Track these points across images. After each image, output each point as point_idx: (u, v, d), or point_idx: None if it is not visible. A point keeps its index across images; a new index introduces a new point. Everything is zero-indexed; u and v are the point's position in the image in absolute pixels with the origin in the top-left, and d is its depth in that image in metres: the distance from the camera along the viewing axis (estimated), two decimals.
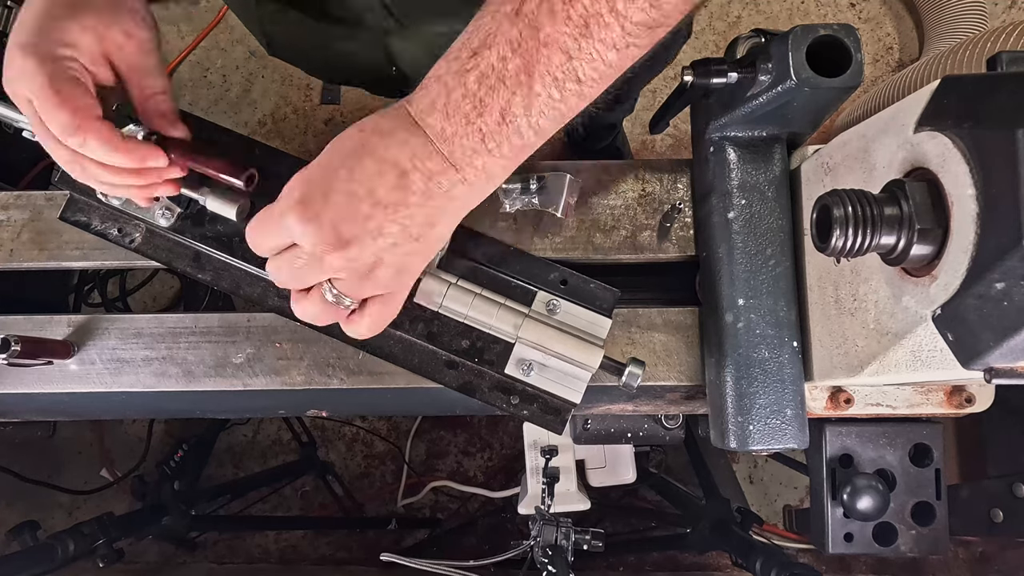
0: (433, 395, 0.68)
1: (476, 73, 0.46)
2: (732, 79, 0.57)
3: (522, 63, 0.45)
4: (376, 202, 0.49)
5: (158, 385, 0.68)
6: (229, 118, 1.89)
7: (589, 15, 0.43)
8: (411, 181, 0.49)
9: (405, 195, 0.49)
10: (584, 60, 0.45)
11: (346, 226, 0.49)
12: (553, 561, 0.89)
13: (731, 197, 0.63)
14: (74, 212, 0.66)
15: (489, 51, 0.45)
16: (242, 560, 1.70)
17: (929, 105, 0.46)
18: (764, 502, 1.70)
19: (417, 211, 0.50)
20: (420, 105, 0.49)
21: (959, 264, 0.42)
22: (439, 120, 0.48)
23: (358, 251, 0.50)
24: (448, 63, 0.48)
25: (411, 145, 0.48)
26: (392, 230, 0.50)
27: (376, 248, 0.50)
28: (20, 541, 1.11)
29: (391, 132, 0.49)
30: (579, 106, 0.48)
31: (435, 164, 0.49)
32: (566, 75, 0.45)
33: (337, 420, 1.76)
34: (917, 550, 0.73)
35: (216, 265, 0.65)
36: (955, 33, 1.63)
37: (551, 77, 0.45)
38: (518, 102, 0.46)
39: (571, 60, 0.45)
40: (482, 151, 0.48)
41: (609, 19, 0.43)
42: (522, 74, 0.45)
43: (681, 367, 0.68)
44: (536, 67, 0.45)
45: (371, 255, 0.51)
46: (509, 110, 0.46)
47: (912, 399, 0.70)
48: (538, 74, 0.45)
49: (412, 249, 0.52)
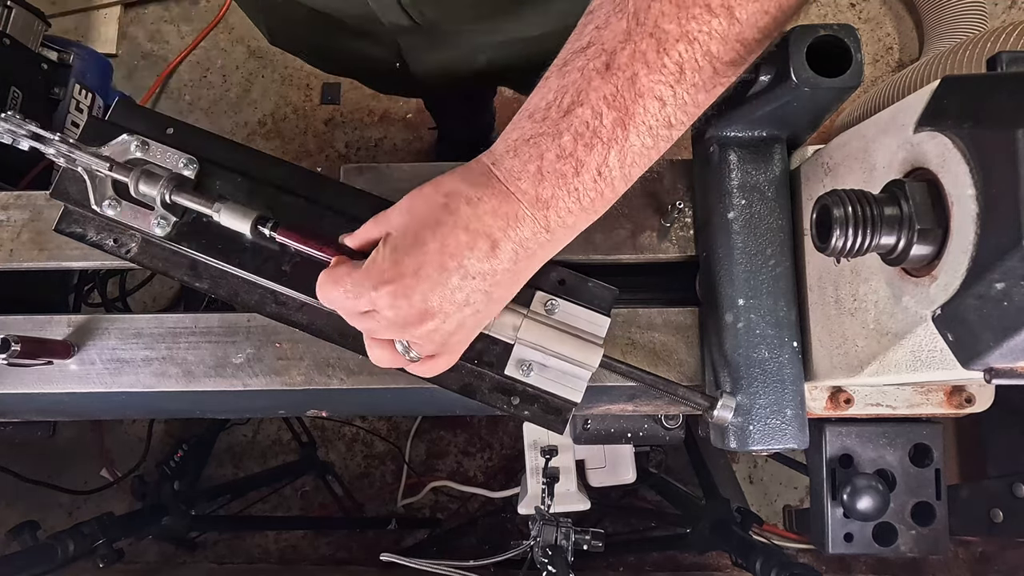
0: (433, 395, 0.68)
1: (571, 132, 0.45)
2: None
3: (618, 117, 0.44)
4: (465, 275, 0.48)
5: (158, 385, 0.68)
6: (229, 118, 1.89)
7: (684, 61, 0.43)
8: (502, 250, 0.48)
9: (495, 264, 0.48)
10: (677, 106, 0.44)
11: (434, 300, 0.48)
12: (553, 561, 0.89)
13: (731, 197, 0.63)
14: (69, 224, 0.66)
15: (583, 108, 0.44)
16: (242, 560, 1.70)
17: (929, 105, 0.46)
18: (764, 502, 1.70)
19: (504, 277, 0.49)
20: (511, 168, 0.47)
21: (959, 264, 0.42)
22: (533, 185, 0.46)
23: (441, 321, 0.50)
24: (536, 123, 0.46)
25: (503, 214, 0.47)
26: (477, 299, 0.50)
27: (460, 318, 0.50)
28: (20, 541, 1.11)
29: (481, 200, 0.47)
30: (667, 148, 0.47)
31: (528, 230, 0.48)
32: (659, 122, 0.45)
33: (337, 420, 1.76)
34: (917, 550, 0.73)
35: (213, 273, 0.65)
36: (955, 33, 1.63)
37: (646, 127, 0.45)
38: (614, 156, 0.45)
39: (665, 107, 0.44)
40: (575, 209, 0.47)
41: (703, 63, 0.43)
42: (618, 128, 0.44)
43: (681, 367, 0.68)
44: (632, 119, 0.44)
45: (455, 324, 0.51)
46: (605, 164, 0.45)
47: (912, 399, 0.70)
48: (633, 126, 0.44)
49: (491, 311, 0.52)
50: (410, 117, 1.88)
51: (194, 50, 1.90)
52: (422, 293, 0.48)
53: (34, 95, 1.23)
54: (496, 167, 0.48)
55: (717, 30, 0.42)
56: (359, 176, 0.72)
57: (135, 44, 1.93)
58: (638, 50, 0.43)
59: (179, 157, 0.63)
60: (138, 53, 1.92)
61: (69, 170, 0.63)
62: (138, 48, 1.93)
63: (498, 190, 0.47)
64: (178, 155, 0.63)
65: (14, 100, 1.16)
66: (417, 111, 1.87)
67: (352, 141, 1.87)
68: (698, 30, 0.42)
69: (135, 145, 0.63)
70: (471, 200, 0.47)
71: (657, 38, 0.42)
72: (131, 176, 0.59)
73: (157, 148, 0.63)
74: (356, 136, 1.87)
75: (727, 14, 0.41)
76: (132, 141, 0.63)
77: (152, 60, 1.92)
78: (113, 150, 0.63)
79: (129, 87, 1.87)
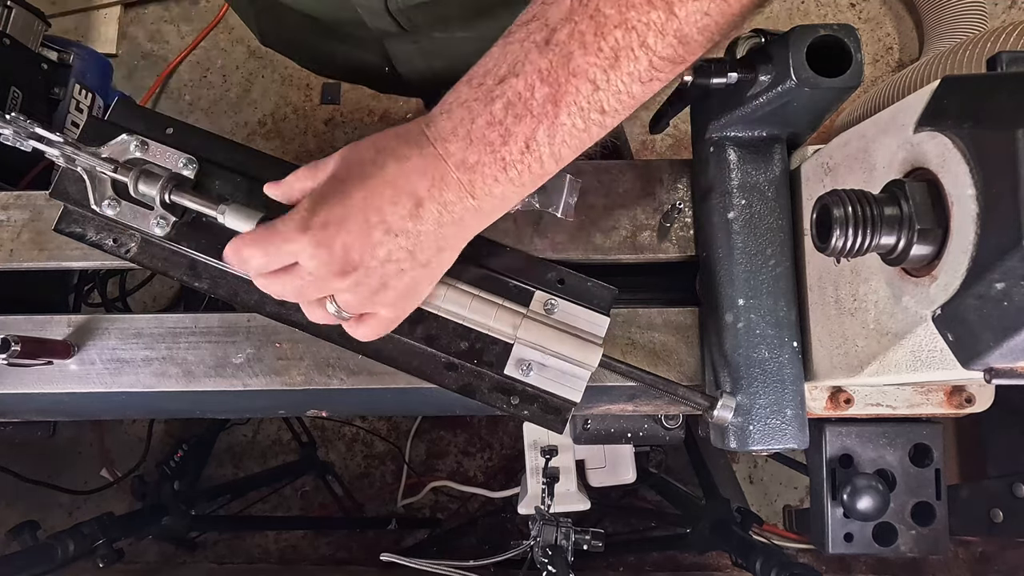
0: (433, 395, 0.68)
1: (503, 101, 0.45)
2: (732, 79, 0.57)
3: (550, 92, 0.45)
4: (388, 229, 0.48)
5: (158, 385, 0.68)
6: (229, 118, 1.89)
7: (620, 48, 0.43)
8: (426, 210, 0.48)
9: (417, 223, 0.49)
10: (610, 92, 0.45)
11: (355, 252, 0.49)
12: (553, 561, 0.89)
13: (731, 197, 0.63)
14: (68, 224, 0.66)
15: (517, 79, 0.45)
16: (242, 560, 1.70)
17: (929, 105, 0.46)
18: (764, 502, 1.70)
19: (427, 238, 0.50)
20: (441, 130, 0.48)
21: (959, 264, 0.42)
22: (461, 148, 0.47)
23: (364, 275, 0.50)
24: (472, 88, 0.47)
25: (430, 174, 0.48)
26: (400, 256, 0.50)
27: (383, 273, 0.50)
28: (20, 541, 1.11)
29: (409, 157, 0.48)
30: (599, 135, 0.48)
31: (452, 194, 0.48)
32: (591, 105, 0.45)
33: (337, 420, 1.76)
34: (917, 550, 0.73)
35: (213, 273, 0.65)
36: (955, 33, 1.63)
37: (577, 107, 0.45)
38: (543, 131, 0.46)
39: (598, 91, 0.45)
40: (503, 179, 0.48)
41: (639, 53, 0.43)
42: (549, 103, 0.45)
43: (681, 367, 0.68)
44: (564, 97, 0.45)
45: (377, 280, 0.51)
46: (534, 138, 0.46)
47: (912, 399, 0.70)
48: (564, 104, 0.45)
49: (419, 274, 0.52)
50: (410, 117, 1.87)
51: (194, 50, 1.90)
52: (343, 243, 0.48)
53: (34, 95, 1.22)
54: (429, 128, 0.48)
55: (655, 21, 0.42)
56: None
57: (135, 44, 1.93)
58: (577, 30, 0.43)
59: (179, 157, 0.63)
60: (138, 53, 1.92)
61: (69, 170, 0.63)
62: (138, 48, 1.92)
63: (427, 151, 0.48)
64: (178, 155, 0.63)
65: (14, 100, 1.16)
66: (417, 111, 1.87)
67: (352, 141, 1.87)
68: (636, 19, 0.42)
69: (135, 145, 0.63)
70: (400, 157, 0.48)
71: (597, 21, 0.43)
72: (130, 176, 0.59)
73: (157, 148, 0.63)
74: (356, 136, 1.87)
75: (666, 8, 0.42)
76: (132, 141, 0.63)
77: (152, 60, 1.92)
78: (113, 150, 0.63)
79: (129, 87, 1.87)
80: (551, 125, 0.46)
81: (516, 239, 0.69)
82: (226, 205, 0.58)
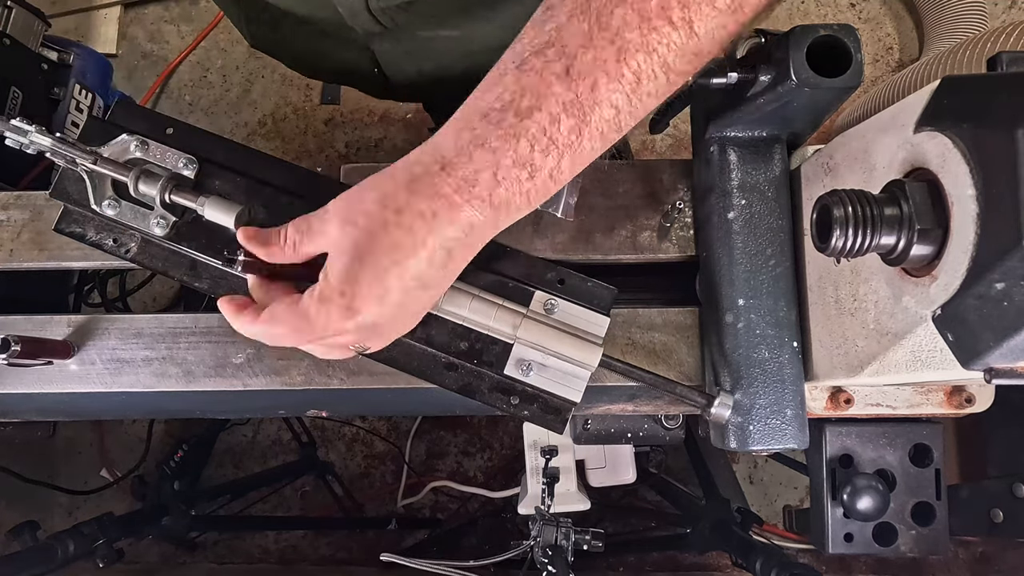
0: (433, 395, 0.68)
1: (528, 138, 0.44)
2: (732, 79, 0.57)
3: (575, 124, 0.44)
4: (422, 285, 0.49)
5: (158, 385, 0.68)
6: (229, 118, 1.89)
7: (642, 71, 0.43)
8: (457, 255, 0.49)
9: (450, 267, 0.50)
10: (631, 113, 0.45)
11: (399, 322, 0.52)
12: (553, 561, 0.89)
13: (731, 197, 0.63)
14: (68, 224, 0.66)
15: (540, 113, 0.44)
16: (242, 560, 1.70)
17: (929, 105, 0.46)
18: (764, 502, 1.70)
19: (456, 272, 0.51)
20: (465, 176, 0.45)
21: (959, 264, 0.42)
22: (488, 190, 0.45)
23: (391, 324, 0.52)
24: (490, 125, 0.45)
25: (461, 227, 0.47)
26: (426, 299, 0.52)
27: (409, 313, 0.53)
28: (20, 541, 1.11)
29: (436, 215, 0.46)
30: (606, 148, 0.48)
31: (479, 234, 0.48)
32: (611, 128, 0.45)
33: (337, 420, 1.76)
34: (917, 550, 0.73)
35: (213, 273, 0.65)
36: (955, 33, 1.63)
37: (599, 132, 0.45)
38: (567, 160, 0.46)
39: (619, 114, 0.44)
40: (524, 206, 0.48)
41: (659, 73, 0.43)
42: (574, 134, 0.44)
43: (681, 367, 0.68)
44: (588, 126, 0.44)
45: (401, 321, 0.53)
46: (558, 167, 0.46)
47: (912, 399, 0.70)
48: (588, 133, 0.45)
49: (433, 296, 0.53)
50: (410, 117, 1.88)
51: (194, 50, 1.90)
52: (382, 314, 0.49)
53: (34, 95, 1.22)
54: (449, 173, 0.45)
55: (676, 42, 0.42)
56: (359, 176, 0.71)
57: (135, 44, 1.93)
58: (599, 57, 0.42)
59: (179, 157, 0.63)
60: (138, 53, 1.92)
61: (69, 170, 0.63)
62: (138, 48, 1.92)
63: (452, 201, 0.46)
64: (178, 155, 0.63)
65: (14, 100, 1.16)
66: (417, 111, 1.87)
67: (352, 141, 1.87)
68: (658, 42, 0.42)
69: (135, 145, 0.63)
70: (425, 215, 0.46)
71: (618, 47, 0.42)
72: (130, 176, 0.59)
73: (157, 148, 0.63)
74: (356, 136, 1.87)
75: (687, 28, 0.42)
76: (132, 141, 0.63)
77: (152, 60, 1.92)
78: (113, 150, 0.63)
79: (129, 87, 1.87)
80: (575, 153, 0.45)
81: (516, 239, 0.69)
82: (205, 197, 0.58)
